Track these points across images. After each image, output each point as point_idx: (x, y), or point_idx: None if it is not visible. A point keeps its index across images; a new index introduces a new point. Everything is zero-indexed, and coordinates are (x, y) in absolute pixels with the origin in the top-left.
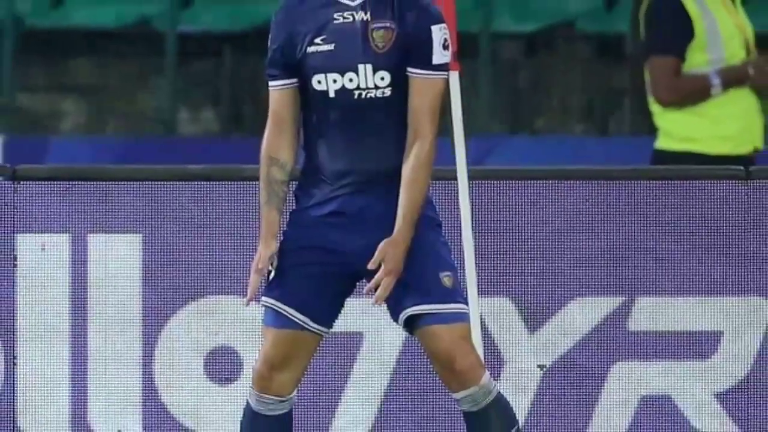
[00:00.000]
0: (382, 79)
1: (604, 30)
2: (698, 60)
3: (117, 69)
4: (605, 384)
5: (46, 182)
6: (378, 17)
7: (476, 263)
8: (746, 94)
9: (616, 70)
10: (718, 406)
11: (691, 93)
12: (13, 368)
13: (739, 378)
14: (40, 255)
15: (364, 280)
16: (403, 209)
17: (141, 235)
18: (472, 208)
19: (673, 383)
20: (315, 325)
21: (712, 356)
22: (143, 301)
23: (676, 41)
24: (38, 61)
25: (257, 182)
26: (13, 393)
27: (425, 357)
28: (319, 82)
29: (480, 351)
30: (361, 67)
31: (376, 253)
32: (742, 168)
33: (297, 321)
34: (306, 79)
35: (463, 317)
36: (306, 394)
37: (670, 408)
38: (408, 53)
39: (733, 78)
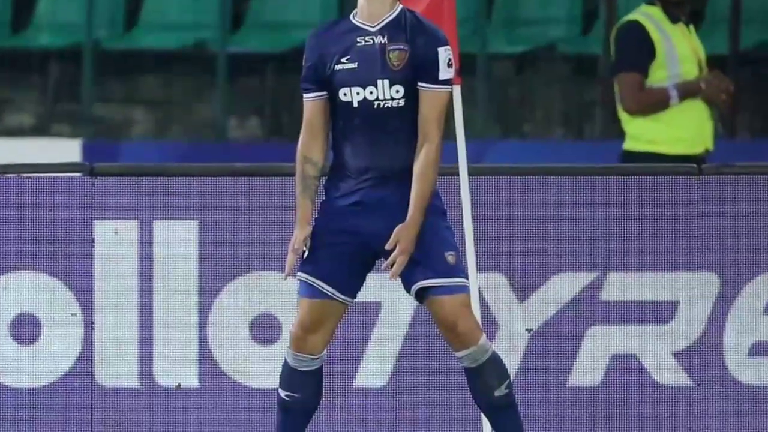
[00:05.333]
0: (397, 91)
1: (580, 52)
2: (659, 76)
3: (178, 84)
4: (582, 344)
5: (118, 177)
6: (394, 40)
7: (475, 244)
8: (699, 104)
9: (590, 84)
10: (676, 363)
11: (653, 103)
12: (91, 331)
13: (693, 339)
14: (114, 238)
15: (382, 258)
16: (414, 199)
17: (197, 221)
18: (471, 199)
19: (638, 344)
20: (341, 296)
21: (671, 322)
22: (199, 275)
23: (640, 60)
24: (112, 77)
25: (293, 177)
26: (91, 352)
27: (432, 322)
28: (345, 94)
29: (478, 317)
30: (379, 81)
31: (392, 236)
32: (695, 165)
33: (326, 292)
34: (334, 92)
35: (464, 289)
36: (334, 352)
37: (636, 365)
38: (418, 70)
39: (688, 91)
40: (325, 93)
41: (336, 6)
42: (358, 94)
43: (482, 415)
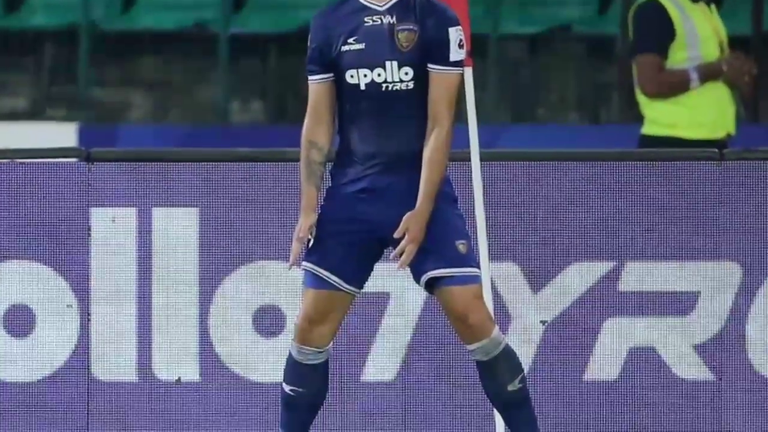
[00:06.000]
0: (406, 73)
1: (597, 32)
2: (679, 57)
3: (178, 66)
4: (598, 337)
5: (116, 163)
6: (402, 20)
7: (487, 233)
8: (720, 86)
9: (607, 66)
10: (696, 356)
11: (672, 86)
12: (88, 324)
13: (714, 332)
14: (111, 226)
15: (390, 247)
16: (424, 186)
17: (198, 208)
18: (483, 186)
19: (657, 337)
20: (348, 286)
21: (691, 313)
22: (200, 265)
23: (659, 41)
24: (110, 59)
25: (298, 163)
26: (88, 345)
27: (443, 314)
28: (352, 76)
29: (490, 308)
30: (388, 63)
31: (401, 224)
32: (716, 150)
33: (332, 282)
34: (340, 73)
35: (475, 279)
36: (340, 345)
37: (655, 358)
38: (428, 51)
39: (709, 73)
40: (331, 75)
41: None
42: (365, 76)
43: (495, 411)
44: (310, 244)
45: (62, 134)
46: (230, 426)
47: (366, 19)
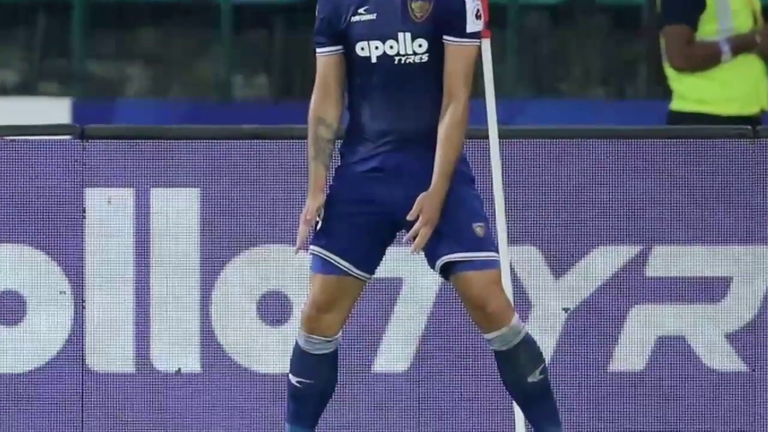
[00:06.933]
0: (420, 46)
1: (622, 2)
2: (709, 29)
3: (178, 38)
4: (624, 325)
5: (112, 140)
6: None
7: (506, 215)
8: (753, 59)
9: (633, 38)
10: (728, 345)
11: (702, 59)
12: (82, 311)
13: (747, 320)
14: (107, 207)
15: (403, 230)
16: (439, 165)
17: (199, 189)
18: (501, 165)
19: (686, 325)
20: (358, 271)
21: (722, 300)
22: (201, 249)
23: (688, 12)
24: (106, 30)
25: (305, 141)
26: (82, 334)
27: (459, 301)
28: (362, 48)
29: (509, 295)
30: (400, 35)
31: (414, 206)
32: (749, 127)
33: (342, 267)
34: (350, 46)
35: (494, 264)
36: (350, 334)
37: (684, 347)
38: (444, 22)
39: (741, 45)
40: (340, 47)
41: None
42: (376, 48)
43: (514, 403)
44: (318, 227)
45: (55, 110)
46: (233, 419)
47: None
